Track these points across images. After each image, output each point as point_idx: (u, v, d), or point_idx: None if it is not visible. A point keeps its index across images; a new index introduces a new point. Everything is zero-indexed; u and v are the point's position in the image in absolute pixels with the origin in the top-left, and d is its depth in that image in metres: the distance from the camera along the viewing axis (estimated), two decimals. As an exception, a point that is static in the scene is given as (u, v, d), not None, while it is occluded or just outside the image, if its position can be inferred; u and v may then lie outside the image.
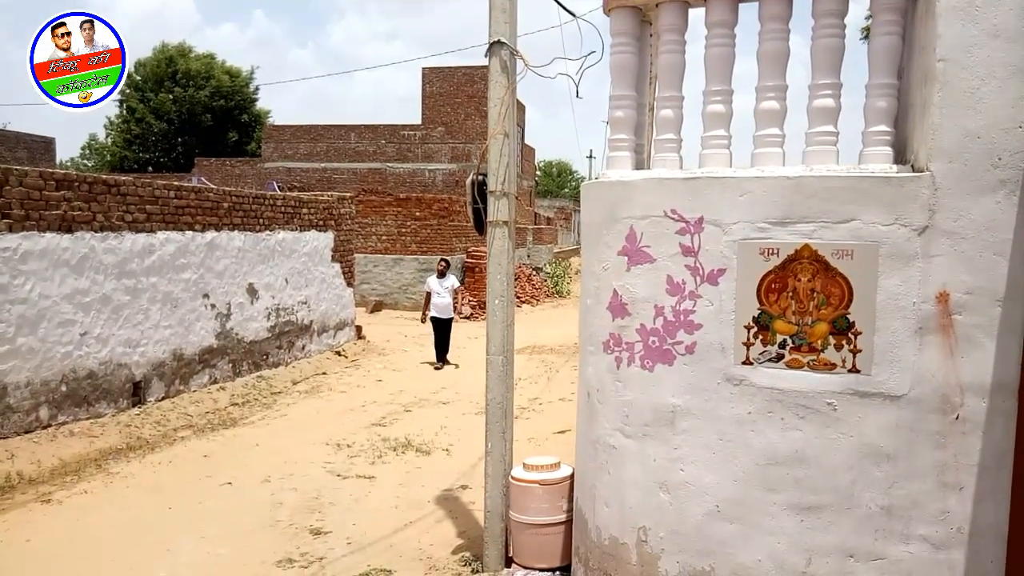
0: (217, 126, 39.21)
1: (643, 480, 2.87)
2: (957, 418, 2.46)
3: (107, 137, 42.58)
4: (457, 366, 11.75)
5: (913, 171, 2.52)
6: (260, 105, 42.68)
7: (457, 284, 12.44)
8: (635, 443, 2.88)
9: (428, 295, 11.81)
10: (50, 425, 7.23)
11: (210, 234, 9.44)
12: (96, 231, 7.77)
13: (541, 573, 4.20)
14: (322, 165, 31.25)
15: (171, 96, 37.28)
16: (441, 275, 11.89)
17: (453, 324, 12.12)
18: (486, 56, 4.31)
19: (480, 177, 4.40)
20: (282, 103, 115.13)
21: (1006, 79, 2.37)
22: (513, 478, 4.36)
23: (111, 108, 39.49)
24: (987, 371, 2.43)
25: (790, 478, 2.61)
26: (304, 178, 29.81)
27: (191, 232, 9.14)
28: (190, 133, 38.85)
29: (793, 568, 2.62)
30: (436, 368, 11.63)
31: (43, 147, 27.81)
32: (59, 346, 7.35)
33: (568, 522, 4.13)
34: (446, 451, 7.34)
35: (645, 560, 2.86)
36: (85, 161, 44.47)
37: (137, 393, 8.39)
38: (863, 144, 2.70)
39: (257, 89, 41.71)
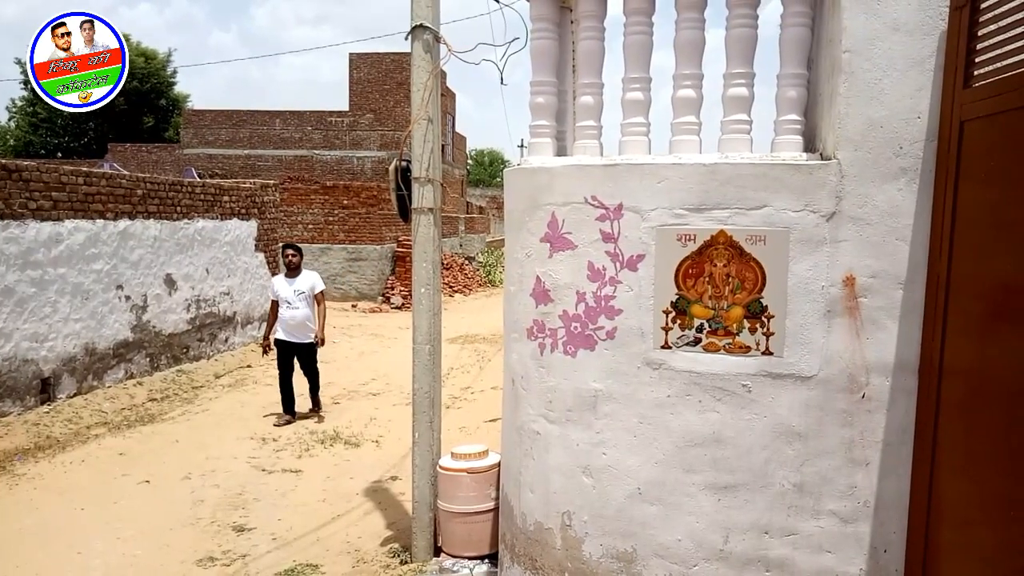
0: (132, 110, 37.38)
1: (567, 465, 2.89)
2: (863, 397, 2.56)
3: (10, 120, 40.07)
4: (321, 418, 8.07)
5: (822, 159, 2.61)
6: (179, 89, 40.94)
7: (320, 287, 8.01)
8: (558, 428, 2.90)
9: (274, 305, 7.89)
10: (-53, 426, 6.79)
11: (123, 223, 9.02)
12: (-4, 219, 7.32)
13: (470, 561, 4.20)
14: (245, 152, 30.26)
15: (81, 78, 35.33)
16: (292, 273, 7.92)
17: (318, 352, 8.15)
18: (407, 39, 4.23)
19: (404, 163, 4.33)
20: (203, 88, 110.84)
21: (906, 71, 2.46)
22: (441, 467, 4.34)
23: (15, 89, 37.26)
24: (890, 351, 2.54)
25: (708, 459, 2.68)
26: (226, 165, 28.80)
27: (102, 220, 8.71)
28: (102, 118, 36.90)
29: (712, 546, 2.69)
30: (280, 423, 7.78)
31: (-62, 130, 25.99)
32: (-44, 343, 6.91)
33: (496, 510, 4.14)
34: (376, 443, 7.26)
35: (569, 544, 2.88)
36: (-15, 145, 41.79)
37: (46, 390, 7.97)
38: (775, 132, 2.77)
39: (175, 72, 39.99)
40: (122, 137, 35.17)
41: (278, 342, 7.97)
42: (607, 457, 2.80)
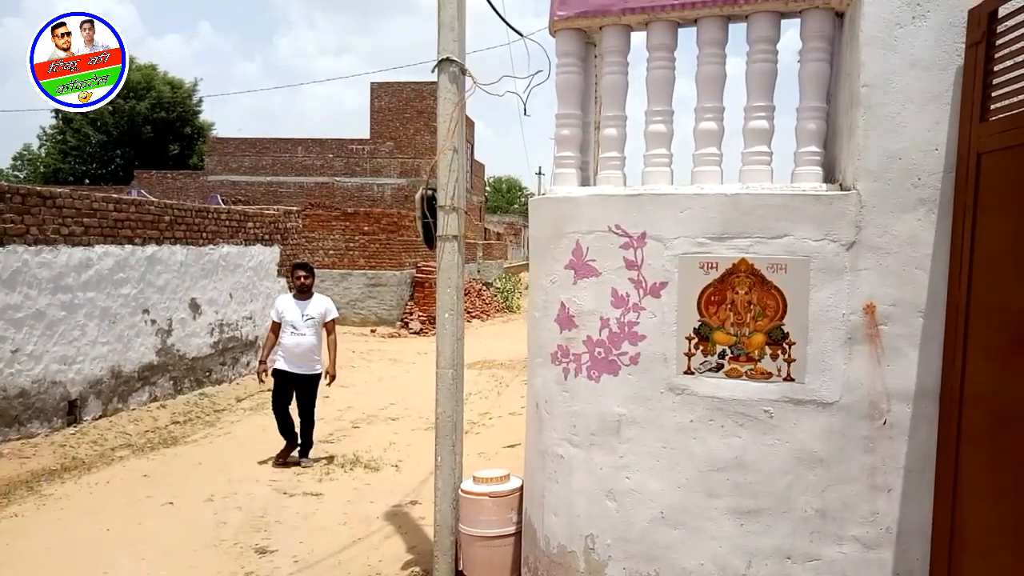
0: (158, 138, 38.25)
1: (590, 488, 2.93)
2: (884, 423, 2.59)
3: (41, 148, 41.10)
4: (330, 459, 7.26)
5: (841, 190, 2.67)
6: (204, 117, 41.88)
7: (333, 314, 7.20)
8: (582, 452, 2.94)
9: (274, 327, 7.08)
10: (-22, 446, 6.94)
11: (151, 248, 9.22)
12: (30, 244, 7.53)
13: (491, 585, 4.22)
14: (268, 179, 30.76)
15: (110, 107, 36.27)
16: (302, 295, 7.06)
17: (320, 385, 7.15)
18: (434, 72, 4.36)
19: (430, 192, 4.44)
20: (227, 116, 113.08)
21: (923, 104, 2.53)
22: (463, 491, 4.37)
23: (45, 118, 38.26)
24: (911, 379, 2.57)
25: (730, 484, 2.71)
26: (249, 192, 29.28)
27: (131, 246, 8.92)
28: (129, 145, 37.80)
29: (734, 571, 2.71)
30: (280, 463, 7.06)
31: (-29, 157, 26.68)
32: (-12, 364, 7.07)
33: (517, 534, 4.16)
34: (395, 467, 7.29)
35: (593, 567, 2.91)
36: (16, 172, 42.77)
37: (72, 412, 8.11)
38: (795, 164, 2.84)
39: (200, 101, 40.93)
40: (148, 164, 35.93)
41: (276, 372, 6.99)
42: (630, 481, 2.84)
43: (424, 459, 7.11)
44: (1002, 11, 2.28)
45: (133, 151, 37.62)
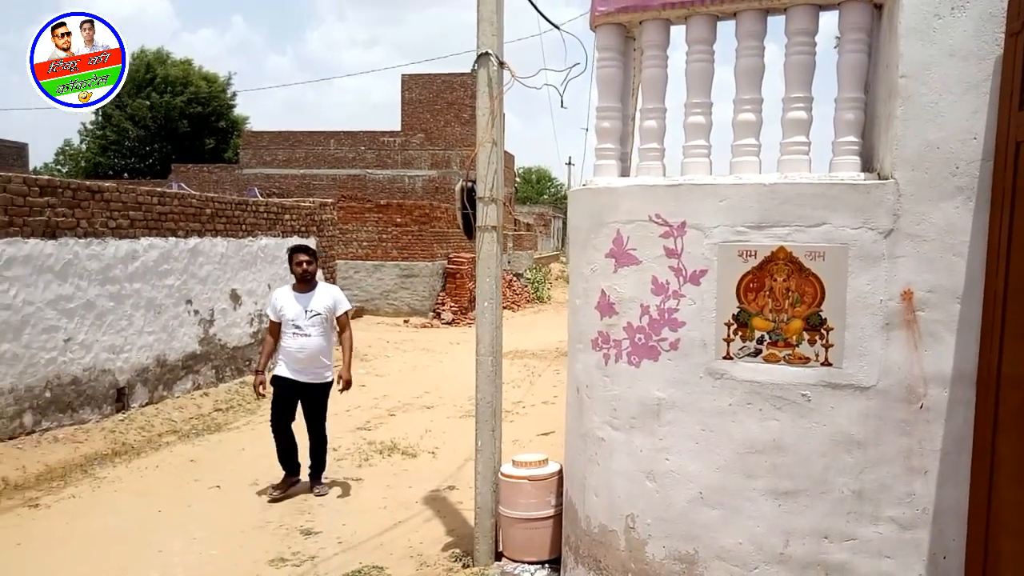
0: (194, 132, 38.98)
1: (630, 470, 3.03)
2: (921, 407, 2.65)
3: (82, 143, 42.11)
4: (343, 486, 6.19)
5: (879, 179, 2.72)
6: (237, 111, 42.49)
7: (344, 306, 5.94)
8: (623, 435, 3.04)
9: (273, 328, 5.85)
10: (34, 431, 7.24)
11: (193, 240, 9.49)
12: (80, 237, 7.81)
13: (531, 565, 4.34)
14: (301, 171, 31.17)
15: (148, 102, 37.02)
16: (304, 286, 5.79)
17: (331, 394, 5.98)
18: (473, 67, 4.46)
19: (469, 184, 4.55)
20: (260, 109, 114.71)
21: (962, 94, 2.57)
22: (503, 474, 4.50)
23: (86, 114, 39.21)
24: (948, 363, 2.62)
25: (768, 465, 2.79)
26: (283, 184, 29.70)
27: (174, 238, 9.19)
28: (166, 139, 38.58)
29: (772, 550, 2.79)
30: (277, 495, 5.90)
31: (15, 153, 27.40)
32: (43, 352, 7.37)
33: (556, 516, 4.28)
34: (432, 453, 7.45)
35: (633, 546, 3.02)
36: (59, 167, 43.88)
37: (121, 399, 8.40)
38: (833, 153, 2.89)
39: (235, 95, 41.55)
40: (184, 158, 36.63)
41: (277, 380, 5.77)
42: (670, 463, 2.93)
43: (459, 446, 7.27)
44: (1042, 1, 2.31)
45: (170, 145, 38.39)
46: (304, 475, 6.30)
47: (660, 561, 2.94)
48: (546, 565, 4.31)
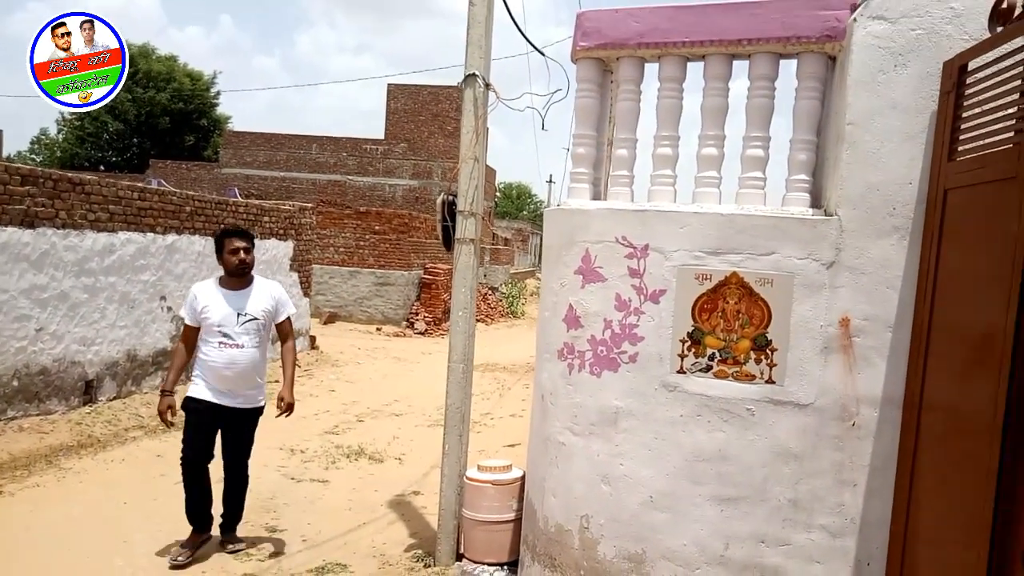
0: (174, 129, 38.70)
1: (587, 473, 3.23)
2: (853, 425, 2.90)
3: (59, 133, 41.57)
4: (237, 550, 4.81)
5: (825, 215, 2.98)
6: (220, 110, 42.29)
7: (289, 309, 4.82)
8: (582, 440, 3.25)
9: (190, 336, 4.57)
10: (-1, 419, 7.23)
11: (171, 237, 9.54)
12: (58, 228, 7.84)
13: (489, 567, 4.51)
14: (281, 174, 31.13)
15: (130, 96, 36.71)
16: (236, 281, 4.59)
17: (276, 414, 4.64)
18: (460, 85, 4.69)
19: (450, 197, 4.76)
20: (243, 109, 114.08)
21: (901, 143, 2.84)
22: (468, 478, 4.68)
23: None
24: (879, 386, 2.88)
25: (713, 473, 3.01)
26: (262, 186, 29.64)
27: (152, 234, 9.24)
28: (146, 134, 38.24)
29: (713, 552, 3.01)
30: (180, 560, 4.53)
31: (-10, 140, 27.03)
32: (13, 340, 7.37)
33: (516, 521, 4.46)
34: (398, 460, 7.57)
35: (586, 545, 3.22)
36: (34, 156, 43.27)
37: (89, 392, 8.41)
38: (786, 190, 3.15)
39: (218, 94, 41.37)
40: (163, 154, 36.35)
41: (194, 404, 4.53)
42: (624, 467, 3.14)
43: (426, 454, 7.40)
44: (971, 65, 2.59)
45: (149, 141, 38.08)
46: (216, 527, 4.93)
47: (611, 560, 3.14)
48: (504, 567, 4.48)
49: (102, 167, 37.24)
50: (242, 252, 4.60)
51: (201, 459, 4.69)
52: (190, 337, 4.63)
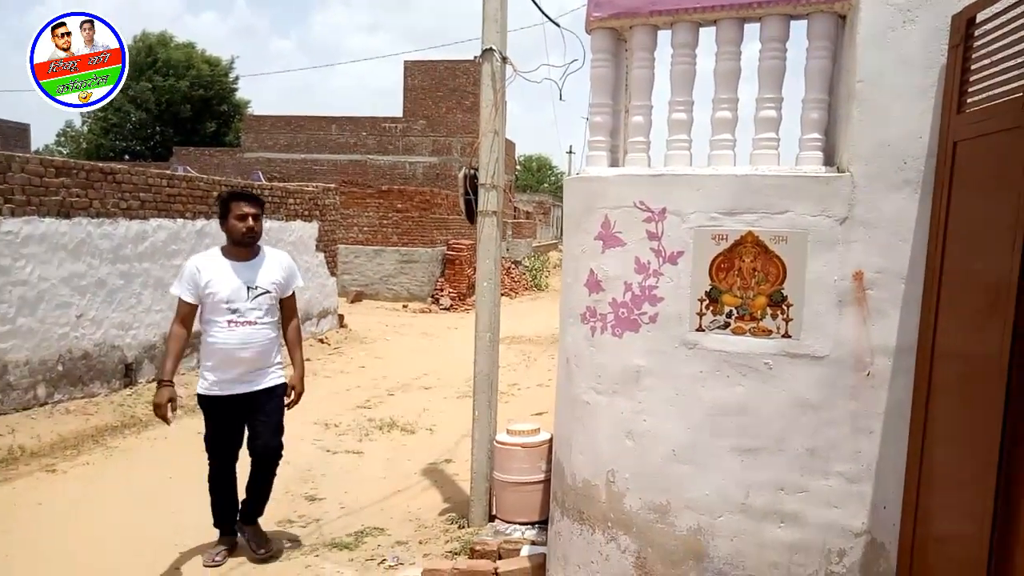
0: (196, 116, 39.11)
1: (612, 430, 3.37)
2: (868, 375, 2.99)
3: (83, 125, 42.22)
4: (264, 559, 4.51)
5: (837, 172, 3.04)
6: (239, 95, 42.60)
7: (297, 280, 4.49)
8: (606, 399, 3.38)
9: (187, 315, 4.25)
10: (47, 403, 7.57)
11: (200, 222, 9.78)
12: (93, 217, 8.11)
13: (520, 526, 4.70)
14: (302, 156, 31.40)
15: (150, 85, 37.11)
16: (242, 252, 4.22)
17: (286, 403, 4.47)
18: (477, 59, 4.78)
19: (472, 171, 4.87)
20: (262, 93, 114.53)
21: (910, 99, 2.89)
22: (498, 442, 4.85)
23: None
24: (892, 336, 2.96)
25: (733, 426, 3.13)
26: (284, 169, 29.95)
27: (182, 220, 9.49)
28: (168, 123, 38.69)
29: (734, 500, 3.14)
30: (214, 561, 4.41)
31: (18, 133, 27.61)
32: (56, 327, 7.68)
33: (545, 482, 4.63)
34: (429, 430, 7.79)
35: (612, 498, 3.36)
36: (60, 148, 44.03)
37: (128, 374, 8.73)
38: (799, 149, 3.22)
39: (237, 79, 41.66)
40: (186, 141, 36.79)
41: (210, 403, 4.28)
42: (647, 423, 3.27)
43: (456, 424, 7.61)
44: (979, 18, 2.63)
45: (171, 128, 38.54)
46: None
47: (636, 511, 3.29)
48: (535, 525, 4.67)
49: (127, 156, 37.81)
50: (251, 219, 4.17)
51: (230, 463, 4.47)
52: (187, 316, 4.22)
